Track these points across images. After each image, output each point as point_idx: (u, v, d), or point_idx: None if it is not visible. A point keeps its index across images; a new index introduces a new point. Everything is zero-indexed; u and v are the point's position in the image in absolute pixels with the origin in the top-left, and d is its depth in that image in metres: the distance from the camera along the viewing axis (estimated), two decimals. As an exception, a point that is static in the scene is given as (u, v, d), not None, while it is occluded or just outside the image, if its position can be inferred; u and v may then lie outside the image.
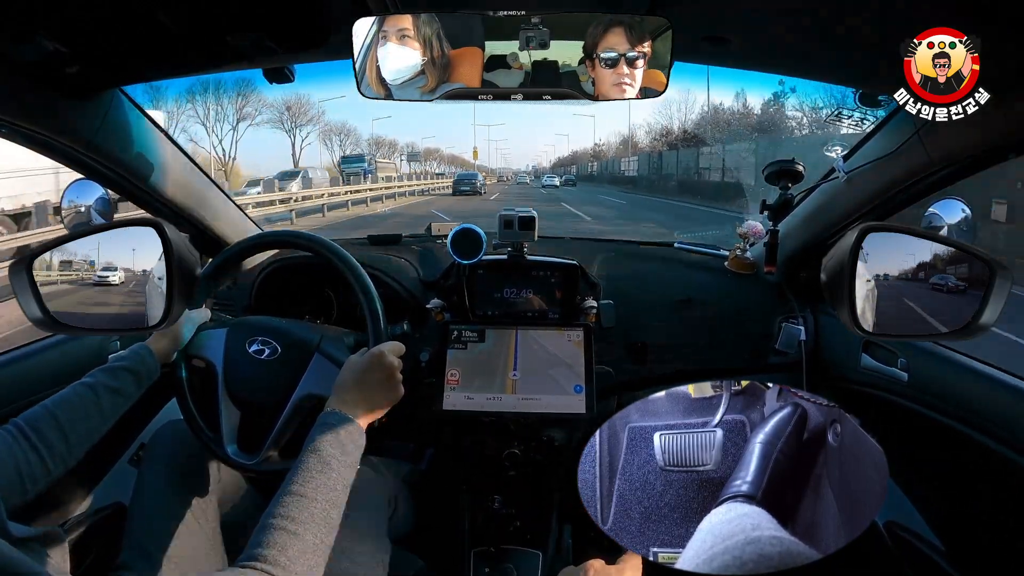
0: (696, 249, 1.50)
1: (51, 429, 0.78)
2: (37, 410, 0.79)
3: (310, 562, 0.63)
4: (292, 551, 0.62)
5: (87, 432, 0.82)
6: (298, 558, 0.62)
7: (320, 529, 0.65)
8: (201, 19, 0.78)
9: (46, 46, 0.76)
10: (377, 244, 1.53)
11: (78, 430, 0.80)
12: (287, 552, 0.61)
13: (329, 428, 0.74)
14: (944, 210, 0.98)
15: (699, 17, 0.81)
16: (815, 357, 1.27)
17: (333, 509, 0.68)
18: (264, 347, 0.98)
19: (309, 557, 0.63)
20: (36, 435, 0.76)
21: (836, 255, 0.76)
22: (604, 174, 27.43)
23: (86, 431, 0.82)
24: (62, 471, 0.79)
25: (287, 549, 0.61)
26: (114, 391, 0.86)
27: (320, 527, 0.65)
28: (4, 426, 0.76)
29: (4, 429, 0.76)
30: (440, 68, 0.78)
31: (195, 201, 1.24)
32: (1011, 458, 0.88)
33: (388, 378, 0.83)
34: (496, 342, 1.19)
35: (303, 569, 0.61)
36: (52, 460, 0.77)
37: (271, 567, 0.59)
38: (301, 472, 0.69)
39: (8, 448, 0.74)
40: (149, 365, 0.91)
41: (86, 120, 0.95)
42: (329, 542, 0.66)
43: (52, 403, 0.81)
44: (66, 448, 0.78)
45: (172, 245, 0.84)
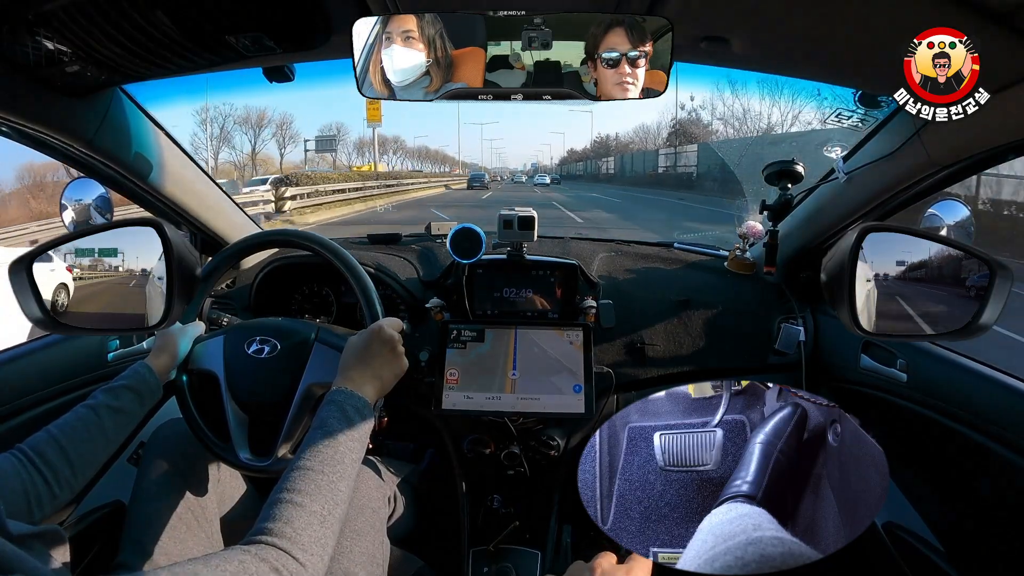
0: (696, 249, 1.50)
1: (55, 454, 0.77)
2: (41, 435, 0.79)
3: (317, 533, 0.61)
4: (299, 522, 0.61)
5: (91, 455, 0.82)
6: (305, 529, 0.60)
7: (327, 500, 0.64)
8: (201, 19, 0.78)
9: (46, 46, 0.76)
10: (377, 243, 1.53)
11: (82, 454, 0.80)
12: (293, 524, 0.60)
13: (335, 404, 0.74)
14: (944, 210, 0.98)
15: (699, 17, 0.81)
16: (814, 357, 1.27)
17: (341, 481, 0.67)
18: (263, 346, 0.98)
19: (316, 528, 0.61)
20: (40, 460, 0.76)
21: (836, 255, 0.76)
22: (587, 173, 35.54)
23: (90, 454, 0.82)
24: (68, 496, 0.78)
25: (293, 521, 0.60)
26: (116, 411, 0.85)
27: (327, 498, 0.64)
28: (10, 451, 0.76)
29: (10, 454, 0.75)
30: (444, 68, 0.78)
31: (195, 200, 1.24)
32: (1011, 458, 0.88)
33: (391, 351, 0.83)
34: (495, 342, 1.19)
35: (310, 540, 0.60)
36: (58, 485, 0.76)
37: (277, 539, 0.59)
38: (308, 448, 0.69)
39: (16, 473, 0.73)
40: (150, 383, 0.91)
41: (86, 119, 0.95)
42: (339, 515, 0.65)
43: (55, 428, 0.80)
44: (71, 472, 0.78)
45: (172, 245, 0.84)
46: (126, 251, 0.88)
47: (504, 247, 1.26)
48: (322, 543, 0.61)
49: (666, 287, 1.35)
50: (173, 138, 1.17)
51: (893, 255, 0.76)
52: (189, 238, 1.31)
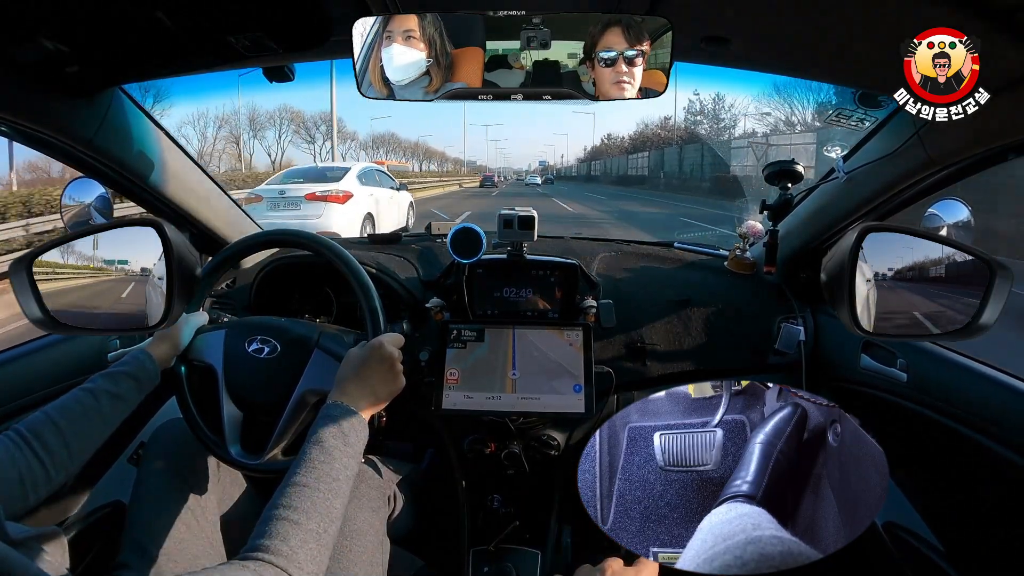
0: (696, 249, 1.50)
1: (52, 436, 0.77)
2: (38, 416, 0.79)
3: (312, 551, 0.62)
4: (294, 540, 0.61)
5: (88, 438, 0.82)
6: (300, 547, 0.61)
7: (322, 518, 0.65)
8: (201, 19, 0.78)
9: (46, 46, 0.76)
10: (377, 243, 1.53)
11: (79, 436, 0.80)
12: (289, 542, 0.61)
13: (331, 419, 0.74)
14: (944, 210, 0.98)
15: (699, 17, 0.81)
16: (815, 357, 1.27)
17: (336, 499, 0.68)
18: (263, 346, 0.98)
19: (312, 546, 0.62)
20: (38, 442, 0.76)
21: (836, 255, 0.76)
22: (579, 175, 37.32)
23: (87, 437, 0.82)
24: (63, 478, 0.78)
25: (289, 539, 0.61)
26: (115, 396, 0.85)
27: (322, 516, 0.65)
28: (5, 433, 0.76)
29: (5, 436, 0.75)
30: (444, 68, 0.78)
31: (195, 200, 1.24)
32: (1011, 458, 0.88)
33: (389, 369, 0.83)
34: (495, 341, 1.19)
35: (305, 558, 0.61)
36: (54, 467, 0.76)
37: (273, 557, 0.59)
38: (303, 463, 0.69)
39: (10, 455, 0.73)
40: (149, 370, 0.91)
41: (86, 119, 0.95)
42: (333, 532, 0.66)
43: (53, 409, 0.80)
44: (67, 455, 0.78)
45: (172, 245, 0.84)
46: (126, 251, 0.88)
47: (504, 247, 1.26)
48: (317, 561, 0.62)
49: (666, 287, 1.35)
50: (173, 138, 1.17)
51: (893, 255, 0.76)
52: (189, 238, 1.31)
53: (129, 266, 0.88)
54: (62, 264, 0.87)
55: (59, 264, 0.86)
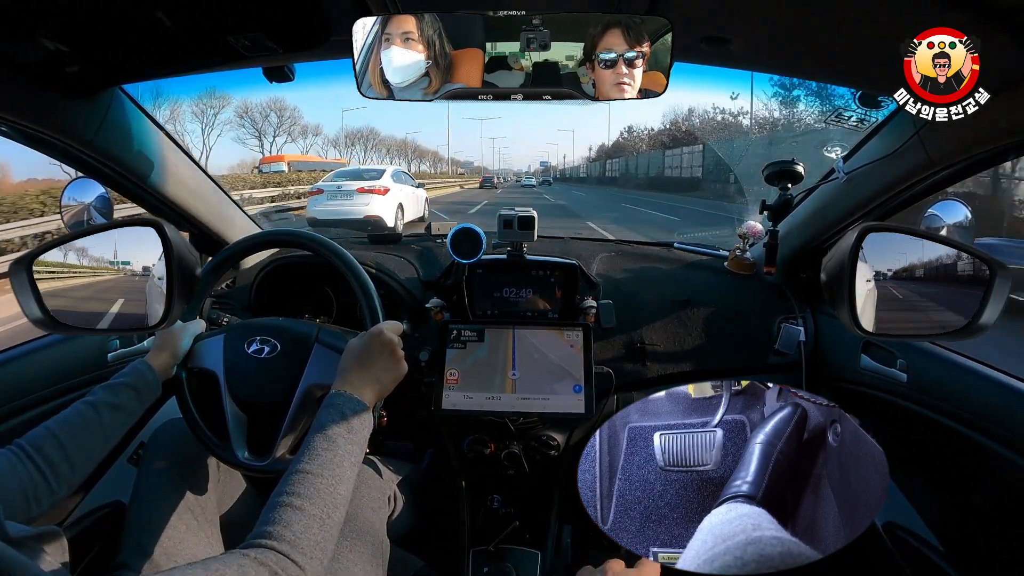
0: (695, 249, 1.50)
1: (54, 449, 0.77)
2: (39, 430, 0.79)
3: (316, 537, 0.61)
4: (298, 526, 0.61)
5: (89, 451, 0.82)
6: (304, 533, 0.61)
7: (326, 504, 0.64)
8: (201, 19, 0.78)
9: (46, 46, 0.76)
10: (377, 243, 1.53)
11: (81, 449, 0.80)
12: (292, 527, 0.61)
13: (334, 408, 0.74)
14: (944, 210, 0.98)
15: (699, 17, 0.81)
16: (814, 357, 1.27)
17: (340, 485, 0.67)
18: (263, 346, 0.98)
19: (316, 532, 0.62)
20: (39, 456, 0.76)
21: (836, 255, 0.76)
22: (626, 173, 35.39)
23: (89, 450, 0.82)
24: (66, 492, 0.78)
25: (292, 524, 0.61)
26: (115, 408, 0.85)
27: (326, 502, 0.65)
28: (8, 447, 0.76)
29: (8, 450, 0.75)
30: (443, 69, 0.78)
31: (195, 200, 1.24)
32: (1010, 458, 0.88)
33: (390, 355, 0.83)
34: (495, 342, 1.19)
35: (309, 544, 0.60)
36: (56, 480, 0.76)
37: (276, 542, 0.59)
38: (307, 451, 0.69)
39: (13, 469, 0.73)
40: (150, 381, 0.91)
41: (86, 119, 0.95)
42: (337, 518, 0.65)
43: (54, 423, 0.80)
44: (69, 468, 0.78)
45: (172, 245, 0.84)
46: (126, 251, 0.88)
47: (504, 247, 1.26)
48: (321, 547, 0.62)
49: (666, 287, 1.35)
50: (173, 138, 1.17)
51: (893, 255, 0.76)
52: (189, 238, 1.31)
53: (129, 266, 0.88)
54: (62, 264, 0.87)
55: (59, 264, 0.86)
